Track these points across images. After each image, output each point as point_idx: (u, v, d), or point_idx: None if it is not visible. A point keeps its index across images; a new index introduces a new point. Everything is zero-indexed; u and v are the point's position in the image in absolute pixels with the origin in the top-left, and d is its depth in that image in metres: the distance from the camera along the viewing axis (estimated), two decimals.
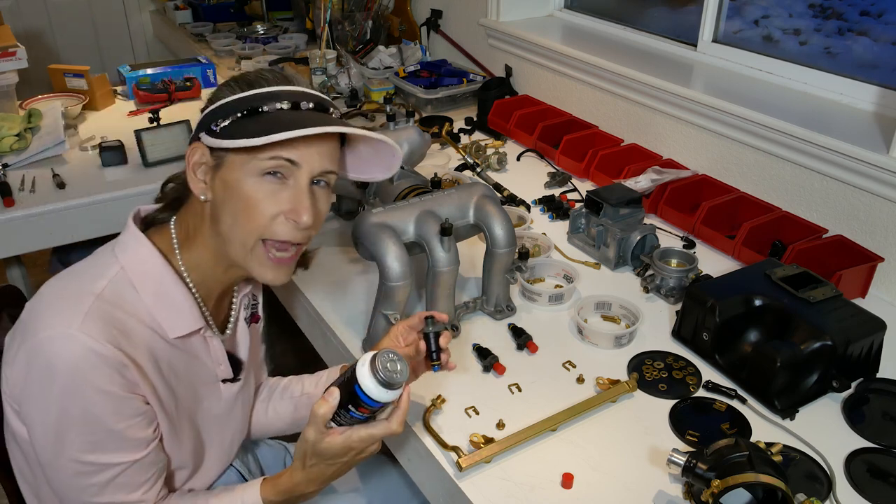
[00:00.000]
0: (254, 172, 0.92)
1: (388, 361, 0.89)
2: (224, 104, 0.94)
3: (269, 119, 0.91)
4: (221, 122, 0.92)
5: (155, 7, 4.04)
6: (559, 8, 2.49)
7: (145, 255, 0.97)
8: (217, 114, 0.94)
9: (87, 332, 0.86)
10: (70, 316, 0.87)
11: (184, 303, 0.98)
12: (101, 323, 0.88)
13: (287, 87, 0.95)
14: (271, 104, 0.92)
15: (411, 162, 1.58)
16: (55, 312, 0.88)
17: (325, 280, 1.50)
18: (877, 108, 1.62)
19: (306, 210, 0.95)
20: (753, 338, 1.26)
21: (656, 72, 1.90)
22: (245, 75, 0.98)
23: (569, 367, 1.26)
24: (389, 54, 2.65)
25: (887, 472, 1.06)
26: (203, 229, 0.99)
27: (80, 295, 0.90)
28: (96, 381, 0.87)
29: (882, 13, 1.68)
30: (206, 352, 1.04)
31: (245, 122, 0.92)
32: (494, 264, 1.33)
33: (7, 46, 2.12)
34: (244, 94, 0.93)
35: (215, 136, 0.92)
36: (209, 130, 0.93)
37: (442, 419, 1.15)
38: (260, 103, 0.92)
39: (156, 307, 0.95)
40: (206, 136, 0.93)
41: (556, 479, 1.04)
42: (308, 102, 0.95)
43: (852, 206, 1.52)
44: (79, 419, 0.88)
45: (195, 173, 0.96)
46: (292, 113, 0.93)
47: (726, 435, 1.06)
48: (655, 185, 1.75)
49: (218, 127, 0.92)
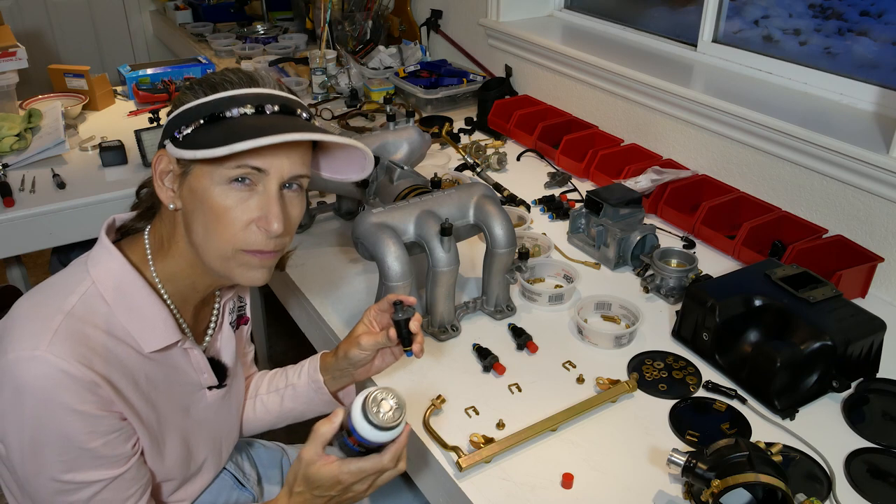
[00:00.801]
0: (221, 180, 0.89)
1: (378, 403, 0.88)
2: (186, 110, 0.90)
3: (232, 125, 0.88)
4: (184, 129, 0.89)
5: (155, 7, 4.04)
6: (559, 8, 2.50)
7: (116, 268, 0.94)
8: (179, 120, 0.90)
9: (54, 353, 0.84)
10: (38, 336, 0.85)
11: (157, 316, 0.95)
12: (69, 342, 0.86)
13: (251, 90, 0.91)
14: (234, 109, 0.89)
15: (411, 162, 1.58)
16: (23, 333, 0.86)
17: (325, 280, 1.50)
18: (877, 108, 1.62)
19: (276, 217, 0.91)
20: (753, 338, 1.26)
21: (656, 72, 1.90)
22: (209, 77, 0.93)
23: (569, 367, 1.26)
24: (389, 54, 2.65)
25: (887, 472, 1.06)
26: (176, 238, 0.96)
27: (49, 313, 0.88)
28: (67, 401, 0.85)
29: (882, 13, 1.68)
30: (188, 362, 1.02)
31: (208, 130, 0.88)
32: (494, 264, 1.33)
33: (7, 46, 2.12)
34: (206, 99, 0.90)
35: (178, 145, 0.89)
36: (172, 138, 0.90)
37: (442, 419, 1.15)
38: (222, 108, 0.89)
39: (129, 322, 0.92)
40: (169, 145, 0.90)
41: (556, 479, 1.04)
42: (273, 105, 0.91)
43: (852, 206, 1.52)
44: (53, 439, 0.86)
45: (162, 182, 0.93)
46: (256, 118, 0.89)
47: (726, 435, 1.06)
48: (655, 185, 1.75)
49: (181, 135, 0.89)
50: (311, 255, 1.58)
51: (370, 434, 0.88)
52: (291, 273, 1.52)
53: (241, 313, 1.15)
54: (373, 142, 1.57)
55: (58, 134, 1.98)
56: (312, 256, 1.58)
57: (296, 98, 0.95)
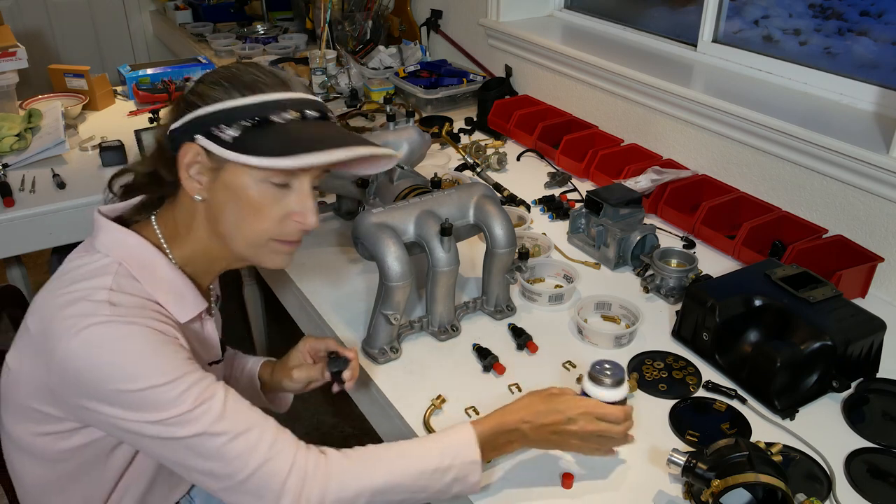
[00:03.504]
0: (260, 178, 0.93)
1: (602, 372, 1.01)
2: (225, 109, 0.91)
3: (284, 133, 0.91)
4: (226, 129, 0.91)
5: (155, 7, 4.04)
6: (559, 8, 2.49)
7: (136, 246, 0.96)
8: (217, 118, 0.91)
9: (120, 315, 0.87)
10: (92, 309, 0.87)
11: (185, 288, 0.99)
12: (125, 308, 0.88)
13: (289, 95, 0.94)
14: (279, 114, 0.92)
15: (411, 162, 1.58)
16: (73, 311, 0.87)
17: (325, 280, 1.50)
18: (877, 108, 1.62)
19: (312, 212, 0.97)
20: (753, 338, 1.26)
21: (656, 72, 1.90)
22: (237, 75, 0.94)
23: (569, 367, 1.26)
24: (389, 54, 2.65)
25: (887, 472, 1.06)
26: (195, 226, 0.99)
27: (89, 294, 0.89)
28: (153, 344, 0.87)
29: (882, 13, 1.68)
30: (204, 335, 1.06)
31: (258, 134, 0.91)
32: (494, 264, 1.33)
33: (7, 46, 2.12)
34: (247, 102, 0.92)
35: (225, 145, 0.90)
36: (210, 135, 0.91)
37: (442, 419, 1.15)
38: (267, 113, 0.92)
39: (160, 295, 0.95)
40: (207, 141, 0.91)
41: (556, 479, 1.04)
42: (313, 111, 0.96)
43: (852, 206, 1.52)
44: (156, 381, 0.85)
45: (188, 173, 0.94)
46: (303, 124, 0.94)
47: (726, 435, 1.06)
48: (655, 185, 1.75)
49: (225, 135, 0.90)
50: (311, 255, 1.58)
51: (606, 395, 0.99)
52: (291, 273, 1.52)
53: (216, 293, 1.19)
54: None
55: (58, 134, 1.98)
56: (312, 256, 1.58)
57: (322, 101, 0.99)
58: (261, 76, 0.95)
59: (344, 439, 2.30)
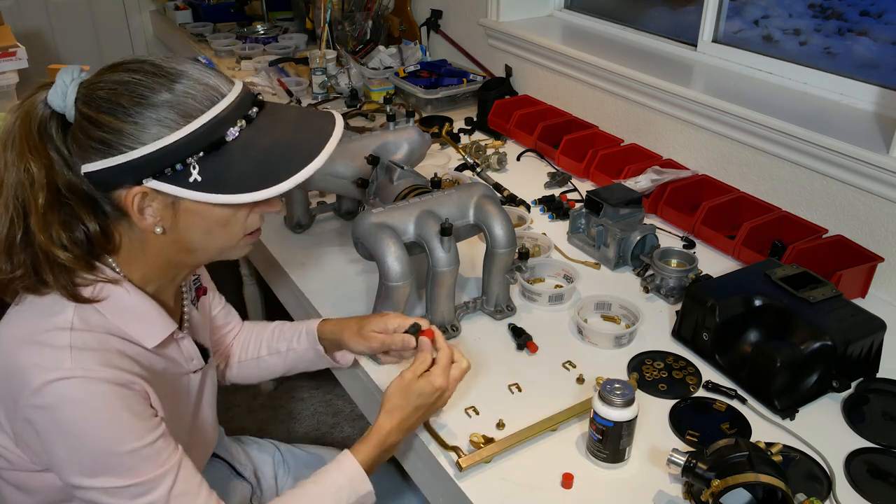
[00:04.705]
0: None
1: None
2: (168, 147, 0.82)
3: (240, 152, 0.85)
4: (179, 167, 0.84)
5: (155, 7, 4.04)
6: (559, 8, 2.49)
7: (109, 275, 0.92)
8: (162, 160, 0.83)
9: (82, 367, 0.82)
10: (54, 359, 0.82)
11: (150, 311, 0.94)
12: (88, 353, 0.84)
13: (225, 103, 0.86)
14: (228, 131, 0.85)
15: (411, 162, 1.58)
16: (35, 361, 0.82)
17: (324, 280, 1.50)
18: (877, 108, 1.62)
19: (278, 203, 0.96)
20: (753, 338, 1.26)
21: (656, 72, 1.90)
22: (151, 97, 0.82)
23: (569, 367, 1.26)
24: (389, 54, 2.65)
25: (887, 472, 1.06)
26: (150, 248, 0.92)
27: (50, 336, 0.84)
28: (113, 406, 0.83)
29: (882, 13, 1.68)
30: (179, 352, 1.02)
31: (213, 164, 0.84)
32: (494, 264, 1.33)
33: (7, 46, 2.12)
34: (189, 130, 0.83)
35: (188, 186, 0.84)
36: (163, 177, 0.84)
37: (442, 419, 1.15)
38: (216, 136, 0.84)
39: (127, 323, 0.91)
40: (163, 185, 0.84)
41: (556, 479, 1.04)
42: (251, 107, 0.89)
43: (852, 206, 1.52)
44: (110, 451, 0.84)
45: (143, 214, 0.87)
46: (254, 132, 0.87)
47: (726, 435, 1.06)
48: (655, 185, 1.75)
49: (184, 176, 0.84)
50: (311, 255, 1.58)
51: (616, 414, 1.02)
52: (291, 273, 1.52)
53: (197, 286, 1.15)
54: (373, 142, 1.57)
55: None
56: (312, 256, 1.58)
57: (245, 83, 0.92)
58: (187, 90, 0.84)
59: (343, 439, 2.30)
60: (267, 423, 2.35)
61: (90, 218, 0.88)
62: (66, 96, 0.85)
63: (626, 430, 1.03)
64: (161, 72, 0.85)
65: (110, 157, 0.83)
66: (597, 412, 1.03)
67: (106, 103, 0.83)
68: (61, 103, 0.85)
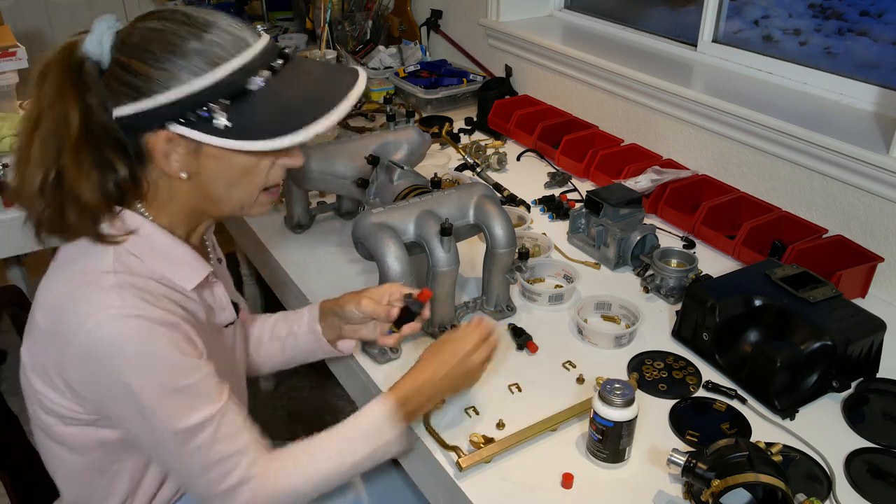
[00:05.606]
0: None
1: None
2: (194, 93, 0.85)
3: (264, 101, 0.88)
4: (204, 112, 0.86)
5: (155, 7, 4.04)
6: (559, 8, 2.49)
7: (126, 219, 0.94)
8: (186, 104, 0.86)
9: (129, 306, 0.86)
10: (102, 299, 0.86)
11: (185, 255, 0.97)
12: (132, 293, 0.87)
13: (252, 52, 0.88)
14: (253, 81, 0.88)
15: (411, 162, 1.58)
16: (83, 303, 0.87)
17: (324, 280, 1.50)
18: (877, 108, 1.62)
19: (299, 154, 0.97)
20: (753, 338, 1.26)
21: (656, 72, 1.90)
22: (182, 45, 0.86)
23: (569, 367, 1.26)
24: (389, 54, 2.65)
25: (887, 472, 1.06)
26: (174, 193, 0.95)
27: (95, 279, 0.88)
28: (160, 345, 0.87)
29: (882, 13, 1.68)
30: (213, 300, 1.05)
31: (238, 111, 0.87)
32: (494, 264, 1.33)
33: (7, 46, 2.12)
34: (216, 78, 0.86)
35: (213, 132, 0.86)
36: (188, 123, 0.87)
37: (442, 419, 1.15)
38: (242, 84, 0.87)
39: (164, 267, 0.94)
40: (188, 130, 0.87)
41: (556, 479, 1.04)
42: (276, 59, 0.91)
43: (852, 206, 1.52)
44: (158, 390, 0.88)
45: (168, 160, 0.90)
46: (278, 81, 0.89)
47: (726, 435, 1.06)
48: (655, 185, 1.75)
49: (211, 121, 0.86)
50: (311, 255, 1.58)
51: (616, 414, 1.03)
52: (291, 273, 1.52)
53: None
54: (373, 142, 1.57)
55: None
56: (312, 256, 1.58)
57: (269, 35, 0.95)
58: (215, 39, 0.87)
59: None
60: (267, 423, 2.35)
61: (120, 162, 0.90)
62: (101, 43, 0.87)
63: (626, 430, 1.03)
64: (191, 21, 0.88)
65: (139, 102, 0.86)
66: (597, 412, 1.03)
67: (138, 50, 0.86)
68: (97, 50, 0.87)
